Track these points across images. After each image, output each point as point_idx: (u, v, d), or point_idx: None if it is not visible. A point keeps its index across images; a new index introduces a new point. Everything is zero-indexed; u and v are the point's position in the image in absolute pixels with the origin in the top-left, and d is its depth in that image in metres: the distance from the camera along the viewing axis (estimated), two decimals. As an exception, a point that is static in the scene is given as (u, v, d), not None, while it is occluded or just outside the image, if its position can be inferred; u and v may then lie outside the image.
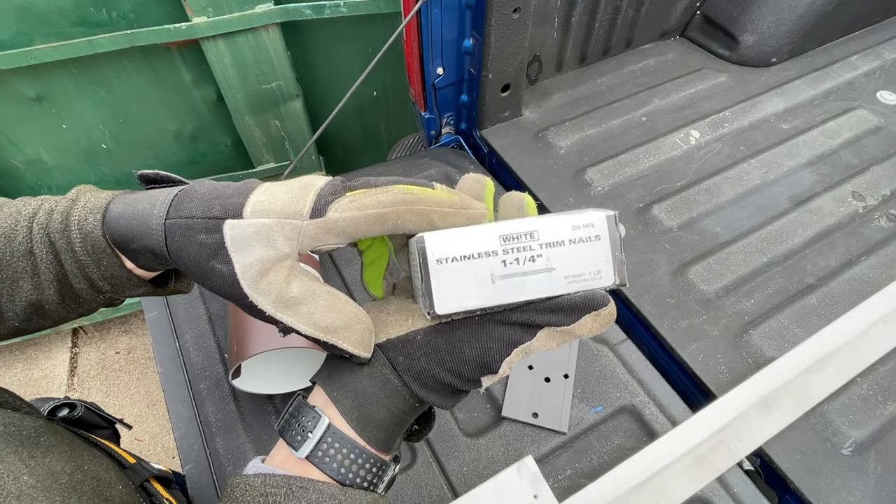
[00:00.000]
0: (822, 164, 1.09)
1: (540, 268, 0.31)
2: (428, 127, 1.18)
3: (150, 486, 0.50)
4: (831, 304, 0.87)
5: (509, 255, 0.31)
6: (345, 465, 0.32)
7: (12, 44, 1.21)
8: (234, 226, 0.31)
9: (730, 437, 0.62)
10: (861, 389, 0.77)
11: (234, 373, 0.71)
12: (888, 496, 0.68)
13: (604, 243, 0.32)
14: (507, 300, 0.31)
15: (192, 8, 1.25)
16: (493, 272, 0.31)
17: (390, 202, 0.31)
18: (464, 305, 0.31)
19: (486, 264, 0.31)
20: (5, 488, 0.32)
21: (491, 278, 0.31)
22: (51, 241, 0.35)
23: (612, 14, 1.23)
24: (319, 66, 1.53)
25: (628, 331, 0.87)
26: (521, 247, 0.31)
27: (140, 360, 1.88)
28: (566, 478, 0.72)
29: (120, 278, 0.36)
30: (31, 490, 0.33)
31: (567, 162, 1.10)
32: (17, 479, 0.33)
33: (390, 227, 0.32)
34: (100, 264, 0.35)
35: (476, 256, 0.31)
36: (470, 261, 0.31)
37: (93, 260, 0.35)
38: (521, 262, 0.31)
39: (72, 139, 1.44)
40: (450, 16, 0.98)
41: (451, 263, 0.31)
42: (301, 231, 0.31)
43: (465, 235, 0.31)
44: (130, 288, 0.37)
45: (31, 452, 0.36)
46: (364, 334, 0.33)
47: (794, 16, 1.27)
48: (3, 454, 0.34)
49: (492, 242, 0.31)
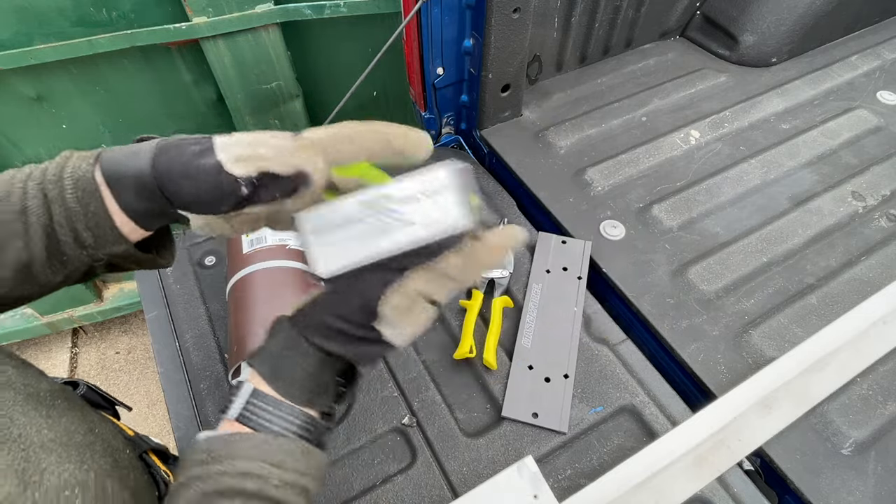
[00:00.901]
0: (822, 164, 1.09)
1: (399, 222, 0.37)
2: (428, 127, 1.18)
3: (149, 458, 0.52)
4: (831, 304, 0.87)
5: (372, 217, 0.37)
6: (272, 420, 0.38)
7: (12, 44, 1.21)
8: (223, 137, 0.40)
9: (730, 437, 0.62)
10: (861, 389, 0.77)
11: (234, 372, 0.71)
12: (888, 496, 0.68)
13: (451, 193, 0.36)
14: (378, 255, 0.37)
15: (192, 8, 1.25)
16: (361, 233, 0.38)
17: (351, 126, 0.40)
18: (342, 265, 0.38)
19: (355, 228, 0.38)
20: (29, 438, 0.35)
21: (360, 238, 0.38)
22: (44, 192, 0.38)
23: (612, 14, 1.23)
24: (319, 66, 1.53)
25: (628, 331, 0.87)
26: (381, 208, 0.37)
27: (140, 360, 1.89)
28: (566, 478, 0.72)
29: (103, 229, 0.40)
30: (51, 443, 0.36)
31: (567, 162, 1.10)
32: (39, 431, 0.36)
33: (356, 147, 0.40)
34: (87, 210, 0.39)
35: (344, 223, 0.38)
36: (340, 227, 0.38)
37: (81, 206, 0.39)
38: (383, 220, 0.37)
39: (72, 139, 1.44)
40: (450, 16, 0.98)
41: (325, 233, 0.39)
42: (280, 146, 0.39)
43: (332, 208, 0.39)
44: (112, 243, 0.40)
45: (48, 412, 0.39)
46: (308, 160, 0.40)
47: (794, 16, 1.27)
48: (26, 409, 0.36)
49: (355, 209, 0.38)
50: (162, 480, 0.50)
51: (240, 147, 0.39)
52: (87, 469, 0.37)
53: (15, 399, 0.37)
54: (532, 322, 0.86)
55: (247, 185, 0.38)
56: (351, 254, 0.38)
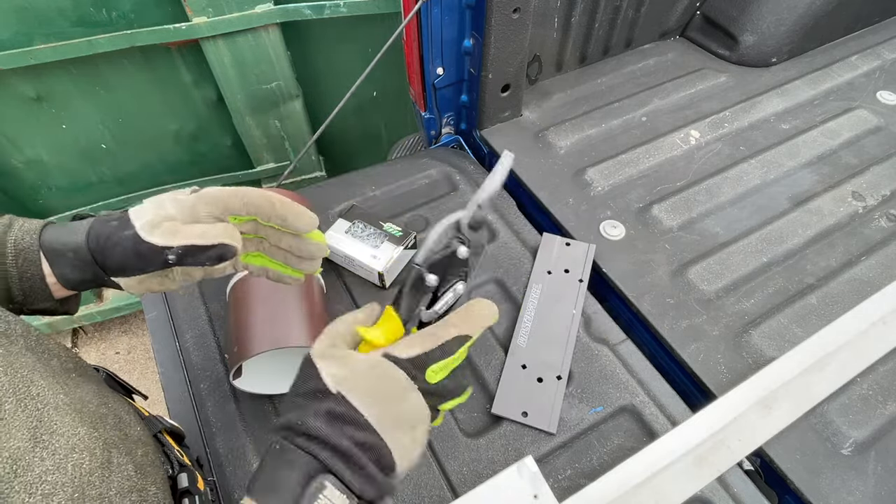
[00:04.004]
0: (822, 164, 1.09)
1: None
2: (428, 127, 1.18)
3: (163, 437, 0.54)
4: (831, 304, 0.87)
5: None
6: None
7: (12, 44, 1.21)
8: (135, 207, 0.47)
9: (730, 437, 0.62)
10: (861, 389, 0.77)
11: (234, 373, 0.71)
12: (888, 496, 0.68)
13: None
14: None
15: (192, 8, 1.25)
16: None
17: (247, 189, 0.48)
18: None
19: None
20: (45, 399, 0.36)
21: None
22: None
23: (612, 14, 1.23)
24: (319, 66, 1.53)
25: (628, 331, 0.87)
26: None
27: (140, 360, 1.89)
28: (566, 478, 0.72)
29: (36, 290, 0.47)
30: (65, 406, 0.38)
31: (567, 162, 1.10)
32: (55, 394, 0.38)
33: (244, 202, 0.47)
34: (23, 275, 0.45)
35: None
36: None
37: (18, 272, 0.45)
38: None
39: (72, 139, 1.44)
40: (450, 16, 0.98)
41: None
42: (181, 201, 0.46)
43: None
44: (41, 301, 0.47)
45: (66, 379, 0.41)
46: (228, 230, 0.47)
47: (794, 16, 1.27)
48: (44, 374, 0.39)
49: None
50: (176, 460, 0.52)
51: (148, 214, 0.45)
52: (97, 437, 0.39)
53: (35, 364, 0.39)
54: (529, 322, 0.86)
55: (173, 254, 0.45)
56: None
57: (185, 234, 0.45)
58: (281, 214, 0.48)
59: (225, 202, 0.47)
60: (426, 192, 1.08)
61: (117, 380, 0.58)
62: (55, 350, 0.44)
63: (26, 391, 0.35)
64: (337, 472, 0.34)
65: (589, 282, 0.91)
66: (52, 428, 0.35)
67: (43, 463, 0.33)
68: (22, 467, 0.32)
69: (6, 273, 0.45)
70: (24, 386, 0.35)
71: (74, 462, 0.35)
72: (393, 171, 1.11)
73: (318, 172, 1.77)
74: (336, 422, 0.35)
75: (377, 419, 0.36)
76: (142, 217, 0.45)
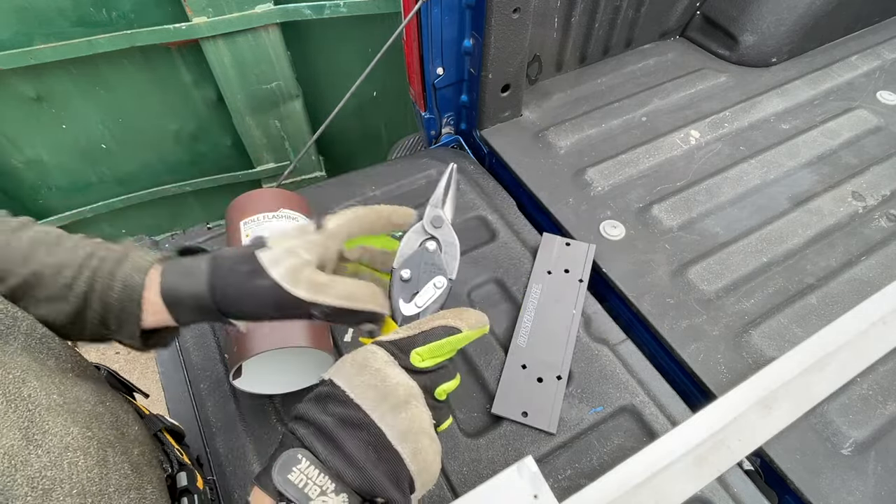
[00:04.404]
0: (822, 164, 1.09)
1: None
2: (428, 127, 1.18)
3: (163, 436, 0.54)
4: (831, 304, 0.87)
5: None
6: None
7: (12, 44, 1.21)
8: (263, 251, 0.44)
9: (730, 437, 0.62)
10: (861, 389, 0.77)
11: (234, 373, 0.71)
12: (888, 496, 0.68)
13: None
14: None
15: (192, 8, 1.25)
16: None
17: (358, 210, 0.49)
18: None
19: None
20: (37, 400, 0.36)
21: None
22: (92, 283, 0.44)
23: (612, 14, 1.23)
24: (319, 66, 1.53)
25: (628, 331, 0.87)
26: None
27: (140, 360, 1.88)
28: (566, 478, 0.72)
29: (130, 324, 0.45)
30: (58, 407, 0.38)
31: (567, 162, 1.10)
32: (48, 395, 0.38)
33: (365, 225, 0.48)
34: (123, 309, 0.44)
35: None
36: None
37: (119, 305, 0.44)
38: None
39: (72, 139, 1.44)
40: (450, 16, 0.98)
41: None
42: (313, 241, 0.45)
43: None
44: (129, 336, 0.46)
45: (62, 379, 0.41)
46: (377, 295, 0.45)
47: (794, 16, 1.27)
48: (39, 374, 0.38)
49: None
50: (175, 459, 0.52)
51: (285, 261, 0.43)
52: (91, 436, 0.39)
53: (29, 364, 0.38)
54: (529, 322, 0.86)
55: (320, 311, 0.43)
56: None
57: (334, 293, 0.43)
58: (386, 216, 0.50)
59: (348, 231, 0.48)
60: (426, 192, 1.07)
61: (118, 378, 0.58)
62: (56, 349, 0.43)
63: (17, 392, 0.35)
64: (310, 445, 0.36)
65: (589, 282, 0.91)
66: (44, 428, 0.35)
67: (39, 460, 0.33)
68: (20, 461, 0.32)
69: (107, 306, 0.44)
70: (16, 386, 0.35)
71: (70, 460, 0.36)
72: (393, 171, 1.11)
73: (318, 172, 1.77)
74: (321, 401, 0.39)
75: (358, 392, 0.38)
76: (277, 264, 0.42)
